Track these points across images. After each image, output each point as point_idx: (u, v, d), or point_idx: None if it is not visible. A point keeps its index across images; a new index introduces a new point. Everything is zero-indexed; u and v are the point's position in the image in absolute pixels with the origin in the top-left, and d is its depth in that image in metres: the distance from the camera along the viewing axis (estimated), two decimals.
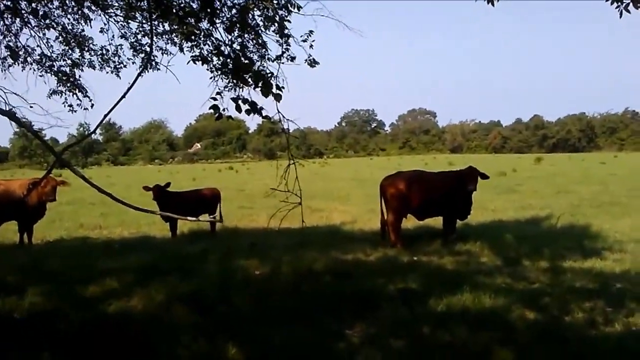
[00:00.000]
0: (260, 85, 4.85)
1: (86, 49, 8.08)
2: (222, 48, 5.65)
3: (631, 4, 3.50)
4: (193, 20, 5.51)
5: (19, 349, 4.30)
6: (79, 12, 7.56)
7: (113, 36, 7.86)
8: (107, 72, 8.27)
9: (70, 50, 8.03)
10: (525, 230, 10.62)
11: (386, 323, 4.96)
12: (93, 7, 7.44)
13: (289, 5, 5.46)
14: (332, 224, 12.48)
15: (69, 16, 7.64)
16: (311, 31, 5.49)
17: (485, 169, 9.64)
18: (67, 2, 7.32)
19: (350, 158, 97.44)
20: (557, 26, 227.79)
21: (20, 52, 7.73)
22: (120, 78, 8.27)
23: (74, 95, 8.28)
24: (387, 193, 9.33)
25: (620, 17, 3.60)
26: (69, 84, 8.21)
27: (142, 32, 7.53)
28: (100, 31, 7.73)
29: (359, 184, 25.29)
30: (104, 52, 8.12)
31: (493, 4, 4.28)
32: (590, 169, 34.39)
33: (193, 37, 5.83)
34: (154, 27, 6.58)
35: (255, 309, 5.39)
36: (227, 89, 5.29)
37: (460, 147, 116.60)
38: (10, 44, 7.55)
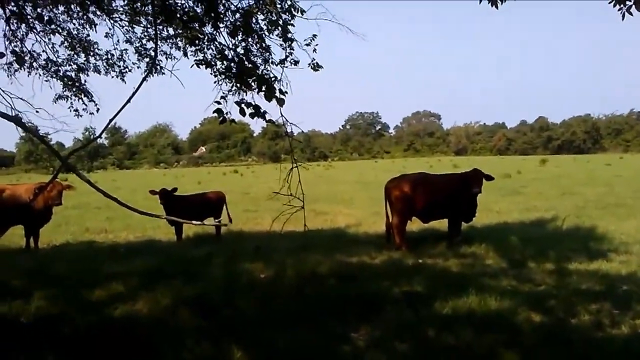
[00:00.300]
0: (263, 89, 4.86)
1: (91, 53, 8.14)
2: (226, 52, 5.67)
3: (634, 6, 3.50)
4: (197, 25, 5.53)
5: (25, 353, 4.32)
6: (84, 17, 7.61)
7: (118, 41, 7.94)
8: (113, 77, 8.33)
9: (75, 55, 8.09)
10: (530, 232, 10.59)
11: (391, 326, 4.96)
12: (98, 12, 7.50)
13: (292, 9, 5.48)
14: (336, 227, 12.48)
15: (74, 21, 7.70)
16: (315, 35, 5.51)
17: (490, 171, 9.62)
18: (72, 7, 7.37)
19: (355, 161, 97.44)
20: (559, 27, 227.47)
21: (26, 57, 7.78)
22: (125, 82, 8.32)
23: (80, 100, 8.34)
24: (391, 196, 9.32)
25: (623, 19, 3.60)
26: (74, 89, 8.27)
27: (147, 37, 7.60)
28: (105, 36, 7.79)
29: (364, 187, 25.27)
30: (109, 56, 8.18)
31: (497, 7, 4.28)
32: (596, 171, 34.25)
33: (197, 42, 5.86)
34: (158, 32, 6.60)
35: (260, 312, 5.40)
36: (231, 93, 5.31)
37: (465, 149, 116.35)
38: (16, 49, 7.59)
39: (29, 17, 7.15)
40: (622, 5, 3.56)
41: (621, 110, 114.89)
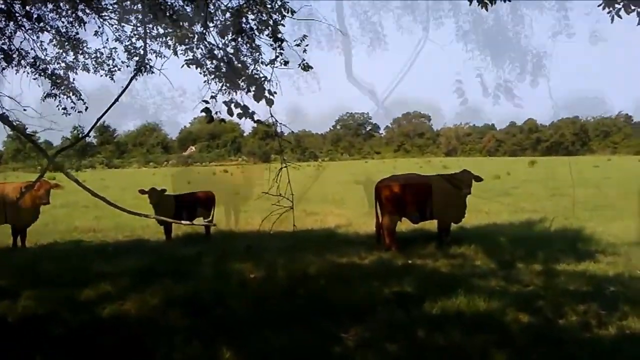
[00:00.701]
0: (252, 89, 4.85)
1: (80, 52, 8.05)
2: (216, 52, 5.65)
3: (622, 9, 3.53)
4: (186, 24, 5.51)
5: (13, 352, 4.28)
6: (73, 15, 7.53)
7: (107, 39, 7.85)
8: (102, 75, 8.25)
9: (64, 54, 8.01)
10: (519, 233, 10.64)
11: (382, 326, 4.96)
12: (87, 10, 7.43)
13: (282, 9, 5.47)
14: (327, 227, 12.46)
15: (63, 19, 7.62)
16: (305, 36, 5.51)
17: (479, 172, 9.64)
18: (61, 5, 7.30)
19: (345, 161, 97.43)
20: (551, 26, 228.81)
21: (14, 55, 7.69)
22: (114, 81, 8.23)
23: (68, 98, 8.25)
24: (382, 196, 9.33)
25: (612, 22, 3.64)
26: (63, 87, 8.18)
27: (136, 36, 7.53)
28: (95, 34, 7.72)
29: (354, 187, 25.25)
30: (98, 55, 8.09)
31: (487, 9, 4.30)
32: (584, 172, 34.46)
33: (186, 41, 5.83)
34: (147, 31, 6.57)
35: (250, 312, 5.38)
36: (220, 93, 5.29)
37: (455, 150, 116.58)
38: (4, 46, 7.51)
39: (17, 14, 7.07)
40: (611, 8, 3.60)
41: (609, 113, 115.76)
